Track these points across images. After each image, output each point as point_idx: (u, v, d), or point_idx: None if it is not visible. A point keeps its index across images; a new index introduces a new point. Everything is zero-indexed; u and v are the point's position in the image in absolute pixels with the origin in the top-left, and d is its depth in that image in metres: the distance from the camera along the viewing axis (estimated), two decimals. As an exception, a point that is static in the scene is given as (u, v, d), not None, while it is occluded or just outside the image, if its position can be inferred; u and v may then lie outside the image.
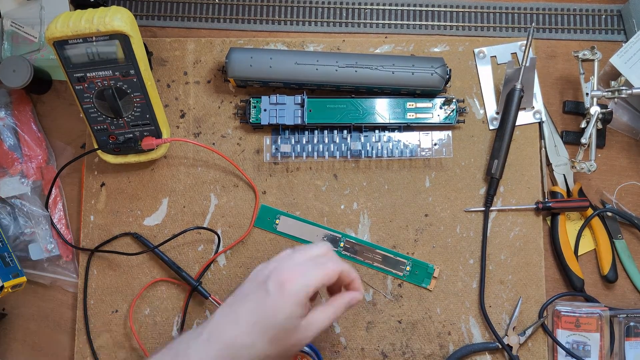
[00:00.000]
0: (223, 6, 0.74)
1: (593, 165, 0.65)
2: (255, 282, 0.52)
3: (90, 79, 0.61)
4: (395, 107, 0.68)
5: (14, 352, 0.68)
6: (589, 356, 0.63)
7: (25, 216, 0.68)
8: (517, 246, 0.67)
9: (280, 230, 0.68)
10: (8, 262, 0.64)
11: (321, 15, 0.73)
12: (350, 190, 0.69)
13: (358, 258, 0.67)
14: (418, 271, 0.67)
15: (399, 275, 0.67)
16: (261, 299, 0.50)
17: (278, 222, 0.68)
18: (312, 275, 0.51)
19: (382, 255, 0.67)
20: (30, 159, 0.68)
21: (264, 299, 0.50)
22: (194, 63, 0.71)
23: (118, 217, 0.69)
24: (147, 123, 0.65)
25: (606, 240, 0.68)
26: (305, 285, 0.50)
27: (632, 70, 0.66)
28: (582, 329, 0.63)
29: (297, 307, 0.50)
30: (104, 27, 0.58)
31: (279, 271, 0.51)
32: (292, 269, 0.51)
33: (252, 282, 0.53)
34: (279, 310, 0.50)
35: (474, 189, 0.69)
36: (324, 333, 0.66)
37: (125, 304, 0.68)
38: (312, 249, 0.54)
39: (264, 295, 0.50)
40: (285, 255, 0.54)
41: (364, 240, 0.68)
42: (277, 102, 0.67)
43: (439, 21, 0.73)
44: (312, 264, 0.52)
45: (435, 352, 0.66)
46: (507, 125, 0.66)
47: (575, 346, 0.64)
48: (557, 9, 0.73)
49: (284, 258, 0.54)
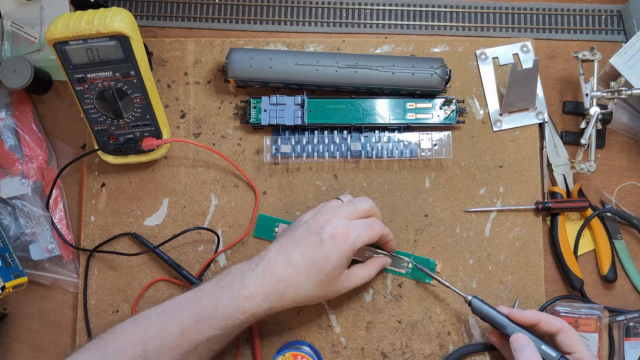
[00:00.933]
0: (223, 6, 0.74)
1: (593, 166, 0.65)
2: (309, 229, 0.59)
3: (91, 80, 0.61)
4: (395, 107, 0.68)
5: (14, 352, 0.69)
6: None
7: (26, 216, 0.68)
8: (516, 246, 0.68)
9: None
10: (9, 262, 0.65)
11: (321, 16, 0.73)
12: (350, 191, 0.69)
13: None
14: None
15: (401, 273, 0.67)
16: (315, 246, 0.57)
17: (277, 230, 0.68)
18: (362, 234, 0.58)
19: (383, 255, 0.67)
20: (30, 160, 0.69)
21: (317, 246, 0.57)
22: (194, 63, 0.71)
23: (118, 217, 0.69)
24: (148, 124, 0.65)
25: (606, 241, 0.68)
26: (354, 242, 0.58)
27: (632, 70, 0.66)
28: (581, 329, 0.63)
29: (344, 259, 0.58)
30: (104, 28, 0.58)
31: (334, 225, 0.58)
32: (345, 225, 0.58)
33: (307, 228, 0.59)
34: (329, 259, 0.57)
35: (473, 189, 0.69)
36: (324, 333, 0.66)
37: (126, 304, 0.68)
38: (361, 203, 0.61)
39: (318, 243, 0.57)
40: (336, 207, 0.61)
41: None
42: (277, 103, 0.67)
43: (439, 21, 0.73)
44: (363, 223, 0.59)
45: (435, 352, 0.66)
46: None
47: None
48: (557, 9, 0.73)
49: (336, 210, 0.60)
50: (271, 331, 0.67)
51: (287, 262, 0.57)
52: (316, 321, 0.67)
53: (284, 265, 0.57)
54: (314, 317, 0.67)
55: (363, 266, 0.64)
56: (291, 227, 0.62)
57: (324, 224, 0.58)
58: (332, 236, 0.57)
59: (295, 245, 0.58)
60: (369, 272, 0.63)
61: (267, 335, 0.67)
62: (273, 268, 0.57)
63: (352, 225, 0.59)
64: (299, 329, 0.67)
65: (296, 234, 0.59)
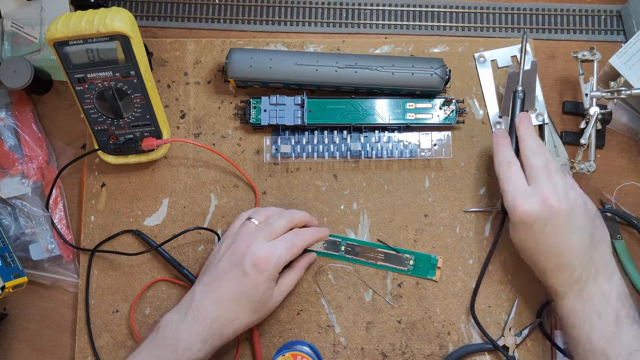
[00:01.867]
0: (223, 6, 0.74)
1: (592, 166, 0.65)
2: (230, 261, 0.58)
3: (91, 80, 0.61)
4: (395, 107, 0.68)
5: (14, 352, 0.69)
6: None
7: (26, 216, 0.68)
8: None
9: None
10: (9, 262, 0.65)
11: (321, 16, 0.73)
12: (350, 191, 0.69)
13: (360, 259, 0.67)
14: (422, 264, 0.67)
15: (403, 270, 0.67)
16: (239, 278, 0.57)
17: None
18: (283, 254, 0.59)
19: (384, 254, 0.67)
20: (30, 160, 0.69)
21: (242, 278, 0.57)
22: (194, 63, 0.71)
23: (118, 217, 0.69)
24: (148, 124, 0.65)
25: (605, 241, 0.68)
26: (277, 264, 0.58)
27: (631, 70, 0.66)
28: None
29: (271, 283, 0.59)
30: (104, 28, 0.58)
31: (254, 252, 0.58)
32: (265, 250, 0.58)
33: (228, 261, 0.59)
34: (257, 288, 0.57)
35: (473, 190, 0.69)
36: (324, 333, 0.66)
37: (126, 304, 0.68)
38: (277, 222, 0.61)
39: (242, 275, 0.57)
40: (252, 231, 0.60)
41: (365, 241, 0.68)
42: (277, 103, 0.68)
43: (439, 22, 0.73)
44: (284, 242, 0.60)
45: (434, 352, 0.66)
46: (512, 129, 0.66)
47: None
48: (556, 9, 0.73)
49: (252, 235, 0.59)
50: (271, 331, 0.67)
51: (215, 301, 0.57)
52: (316, 321, 0.67)
53: (214, 306, 0.57)
54: (314, 317, 0.67)
55: (290, 273, 0.63)
56: (210, 261, 0.62)
57: (244, 253, 0.58)
58: (254, 265, 0.57)
59: (219, 282, 0.58)
60: (298, 275, 0.64)
61: (267, 336, 0.67)
62: (202, 312, 0.56)
63: (273, 247, 0.59)
64: (299, 329, 0.67)
65: (218, 269, 0.59)
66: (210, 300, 0.57)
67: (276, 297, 0.61)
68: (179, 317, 0.57)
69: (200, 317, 0.56)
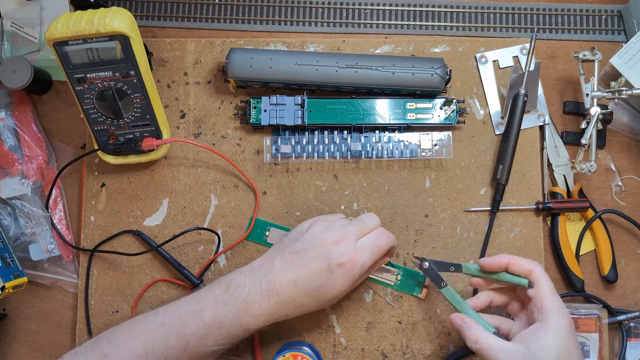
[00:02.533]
0: (223, 6, 0.74)
1: (593, 166, 0.65)
2: (317, 250, 0.57)
3: (91, 80, 0.61)
4: (396, 107, 0.68)
5: (14, 352, 0.68)
6: (588, 356, 0.63)
7: (26, 217, 0.68)
8: (517, 247, 0.67)
9: (271, 242, 0.68)
10: (9, 263, 0.64)
11: (321, 16, 0.73)
12: (350, 191, 0.69)
13: None
14: (409, 280, 0.67)
15: (390, 284, 0.67)
16: (322, 272, 0.56)
17: (268, 233, 0.68)
18: (368, 259, 0.58)
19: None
20: (30, 160, 0.69)
21: (325, 273, 0.56)
22: (194, 63, 0.71)
23: (118, 217, 0.69)
24: (147, 124, 0.65)
25: (606, 241, 0.68)
26: (361, 269, 0.57)
27: (632, 70, 0.65)
28: (581, 329, 0.63)
29: (350, 286, 0.58)
30: (104, 28, 0.58)
31: (343, 251, 0.57)
32: (353, 251, 0.57)
33: (315, 248, 0.57)
34: (335, 287, 0.57)
35: (474, 190, 0.69)
36: (324, 334, 0.66)
37: (126, 304, 0.68)
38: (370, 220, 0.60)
39: (326, 270, 0.56)
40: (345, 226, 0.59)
41: None
42: (277, 103, 0.67)
43: (439, 21, 0.73)
44: (369, 246, 0.58)
45: (435, 353, 0.66)
46: (512, 131, 0.66)
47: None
48: (557, 9, 0.73)
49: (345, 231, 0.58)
50: (271, 331, 0.66)
51: (292, 283, 0.56)
52: (316, 321, 0.67)
53: (290, 286, 0.56)
54: (314, 317, 0.67)
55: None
56: (295, 234, 0.60)
57: (333, 249, 0.57)
58: (340, 265, 0.56)
59: (301, 265, 0.57)
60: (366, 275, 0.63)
61: (267, 336, 0.66)
62: (278, 288, 0.56)
63: (359, 250, 0.58)
64: (299, 329, 0.67)
65: (303, 250, 0.58)
66: (288, 279, 0.56)
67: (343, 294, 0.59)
68: (252, 282, 0.56)
69: (274, 291, 0.56)
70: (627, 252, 0.69)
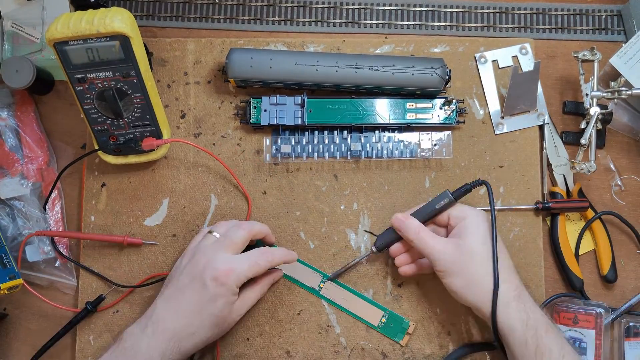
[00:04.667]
0: (223, 6, 0.74)
1: (593, 166, 0.65)
2: (191, 274, 0.58)
3: (91, 80, 0.61)
4: (395, 107, 0.68)
5: (15, 352, 0.68)
6: (585, 354, 0.63)
7: (24, 217, 0.67)
8: (516, 246, 0.68)
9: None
10: (5, 264, 0.64)
11: (321, 16, 0.73)
12: (350, 191, 0.69)
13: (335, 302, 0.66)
14: (393, 324, 0.66)
15: (373, 325, 0.66)
16: (199, 291, 0.57)
17: None
18: (243, 271, 0.58)
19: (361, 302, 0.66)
20: (31, 161, 0.68)
21: (201, 291, 0.57)
22: (194, 63, 0.71)
23: (118, 217, 0.69)
24: (148, 124, 0.65)
25: (606, 241, 0.68)
26: (237, 280, 0.58)
27: (632, 70, 0.66)
28: (579, 325, 0.63)
29: (231, 297, 0.58)
30: (104, 28, 0.58)
31: (214, 266, 0.57)
32: (227, 263, 0.58)
33: (188, 274, 0.58)
34: (216, 302, 0.57)
35: (474, 190, 0.68)
36: (324, 333, 0.66)
37: (126, 304, 0.68)
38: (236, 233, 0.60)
39: (202, 288, 0.57)
40: (212, 244, 0.60)
41: (347, 286, 0.67)
42: (277, 103, 0.67)
43: (439, 21, 0.73)
44: (247, 259, 0.59)
45: (435, 352, 0.66)
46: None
47: (572, 342, 0.64)
48: (557, 9, 0.73)
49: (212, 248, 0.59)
50: (272, 331, 0.67)
51: (174, 313, 0.57)
52: (316, 321, 0.67)
53: (172, 317, 0.57)
54: (314, 317, 0.67)
55: (252, 288, 0.62)
56: (172, 275, 0.61)
57: (204, 267, 0.58)
58: (214, 278, 0.57)
59: (179, 295, 0.58)
60: (261, 291, 0.63)
61: (268, 336, 0.66)
62: (162, 325, 0.57)
63: (234, 261, 0.58)
64: (299, 329, 0.67)
65: (178, 282, 0.59)
66: (170, 313, 0.57)
67: (237, 311, 0.60)
68: (139, 330, 0.57)
69: (160, 330, 0.56)
70: (626, 252, 0.69)
